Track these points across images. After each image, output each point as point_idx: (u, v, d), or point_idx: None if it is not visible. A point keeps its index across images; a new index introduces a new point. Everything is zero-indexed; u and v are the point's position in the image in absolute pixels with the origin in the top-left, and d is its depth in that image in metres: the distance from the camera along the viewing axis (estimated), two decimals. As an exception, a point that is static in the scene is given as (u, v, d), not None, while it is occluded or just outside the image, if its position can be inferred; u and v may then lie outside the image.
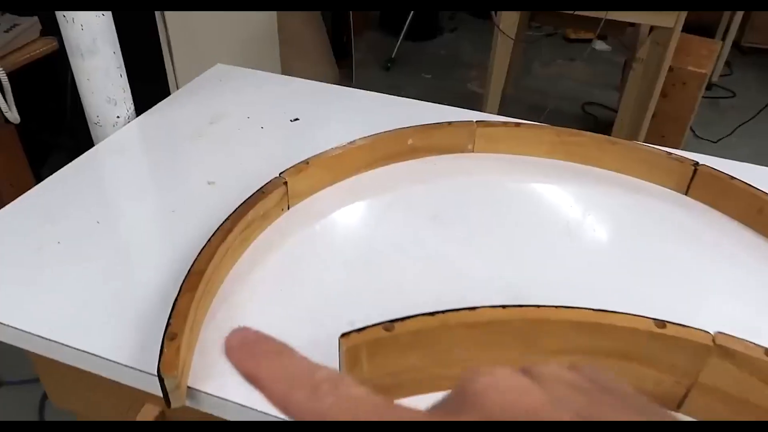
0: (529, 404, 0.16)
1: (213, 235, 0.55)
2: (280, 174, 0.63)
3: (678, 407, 0.46)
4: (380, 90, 0.93)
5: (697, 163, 0.70)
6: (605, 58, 2.88)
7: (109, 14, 0.73)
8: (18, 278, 0.54)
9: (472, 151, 0.77)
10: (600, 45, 2.96)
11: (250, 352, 0.17)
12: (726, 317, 0.55)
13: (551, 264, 0.60)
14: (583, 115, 2.40)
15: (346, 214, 0.65)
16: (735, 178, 0.67)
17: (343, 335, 0.42)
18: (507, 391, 0.17)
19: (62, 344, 0.48)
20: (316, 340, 0.48)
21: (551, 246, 0.62)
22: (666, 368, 0.45)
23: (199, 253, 0.53)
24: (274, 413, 0.42)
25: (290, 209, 0.64)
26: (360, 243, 0.61)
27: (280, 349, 0.17)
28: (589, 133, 0.75)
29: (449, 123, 0.75)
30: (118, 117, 0.77)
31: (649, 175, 0.73)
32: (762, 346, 0.43)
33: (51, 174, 0.68)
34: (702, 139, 2.26)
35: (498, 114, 1.93)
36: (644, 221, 0.68)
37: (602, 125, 2.26)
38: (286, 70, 1.93)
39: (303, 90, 0.90)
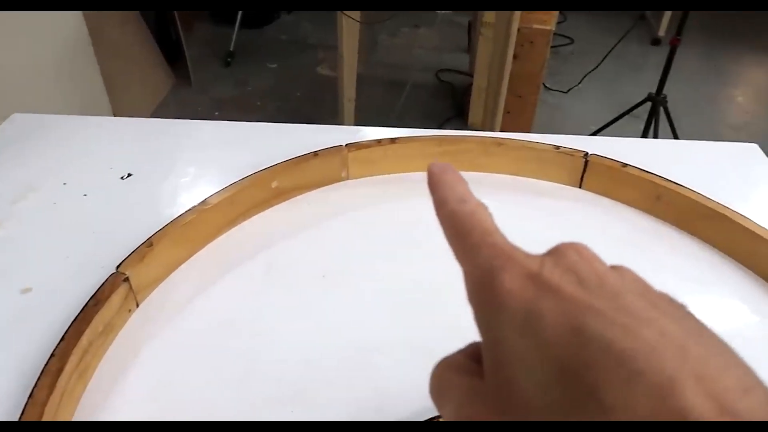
0: (598, 269, 0.20)
1: (37, 382, 0.40)
2: (117, 268, 0.49)
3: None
4: (224, 88, 0.80)
5: (587, 153, 0.65)
6: (448, 20, 2.88)
7: None
8: None
9: (348, 178, 0.67)
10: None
11: (443, 170, 0.24)
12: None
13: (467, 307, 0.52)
14: (440, 84, 2.38)
15: (214, 294, 0.53)
16: (628, 165, 0.63)
17: None
18: (584, 255, 0.20)
19: None
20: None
21: (458, 280, 0.54)
22: None
23: (22, 413, 0.38)
24: None
25: (139, 307, 0.51)
26: (238, 331, 0.49)
27: (459, 178, 0.24)
28: (473, 136, 0.68)
29: (315, 154, 0.64)
30: None
31: (541, 172, 0.67)
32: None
33: None
34: (553, 90, 2.32)
35: (355, 98, 1.81)
36: (542, 222, 0.62)
37: (460, 92, 2.25)
38: (112, 88, 1.70)
39: (132, 132, 0.74)
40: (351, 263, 0.56)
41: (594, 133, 2.00)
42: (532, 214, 0.64)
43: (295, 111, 2.23)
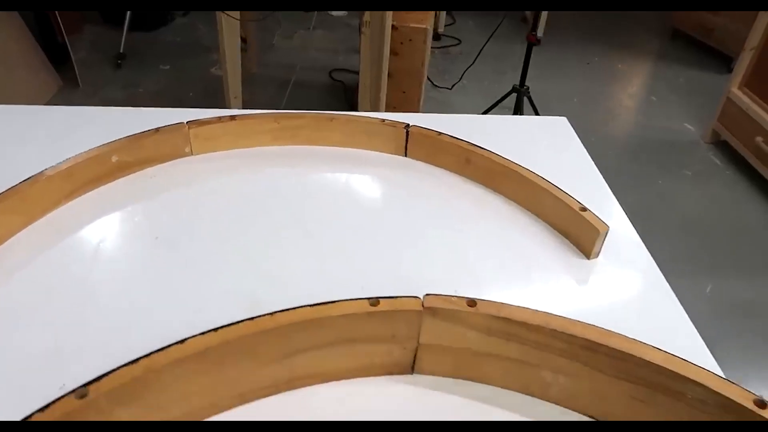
0: None
1: None
2: (-56, 234, 0.52)
3: (412, 370, 0.48)
4: (114, 89, 0.84)
5: (408, 125, 0.73)
6: (343, 23, 2.96)
7: None
8: None
9: (192, 154, 0.72)
10: (335, 11, 3.03)
11: None
12: (447, 250, 0.58)
13: (292, 262, 0.58)
14: (332, 82, 2.45)
15: (48, 259, 0.56)
16: (443, 133, 0.72)
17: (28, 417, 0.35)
18: None
19: None
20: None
21: (285, 241, 0.61)
22: (389, 339, 0.46)
23: None
24: None
25: (-29, 272, 0.54)
26: (69, 290, 0.53)
27: None
28: (308, 113, 0.74)
29: (157, 130, 0.68)
30: None
31: (371, 144, 0.75)
32: (465, 297, 0.45)
33: None
34: (440, 87, 2.45)
35: (247, 97, 1.85)
36: (371, 188, 0.70)
37: (351, 89, 2.33)
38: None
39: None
40: (186, 226, 0.61)
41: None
42: (363, 182, 0.71)
43: (189, 112, 2.24)
